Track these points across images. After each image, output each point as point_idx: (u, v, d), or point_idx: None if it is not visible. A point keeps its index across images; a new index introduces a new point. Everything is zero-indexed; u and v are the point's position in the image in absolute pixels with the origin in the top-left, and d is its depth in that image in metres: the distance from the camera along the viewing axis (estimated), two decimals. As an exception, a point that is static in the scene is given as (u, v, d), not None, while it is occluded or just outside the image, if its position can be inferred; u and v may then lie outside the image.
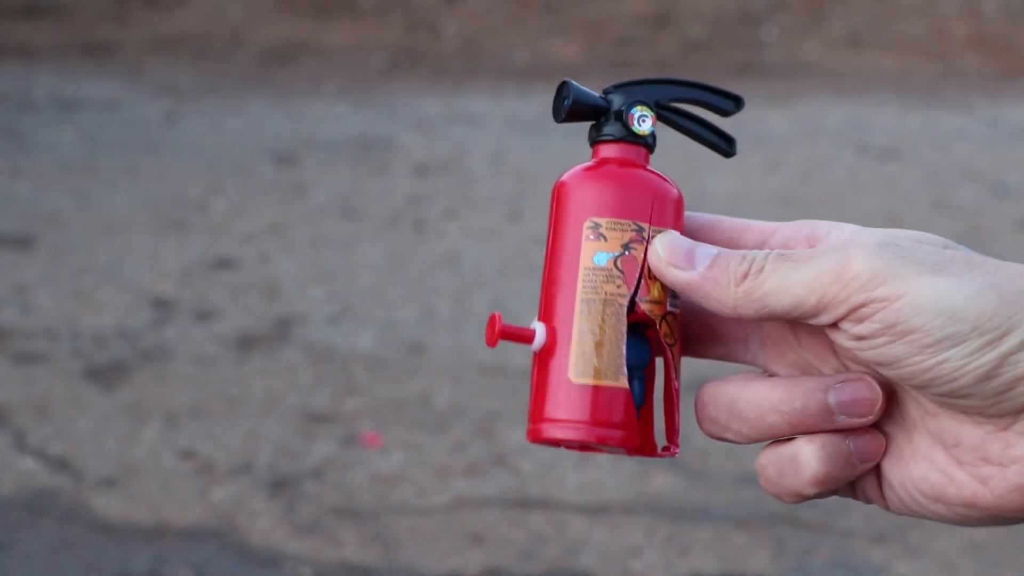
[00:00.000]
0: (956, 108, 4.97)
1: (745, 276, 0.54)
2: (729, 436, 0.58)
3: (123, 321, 3.13)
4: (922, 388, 0.53)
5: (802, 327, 0.58)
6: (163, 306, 3.22)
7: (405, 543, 2.29)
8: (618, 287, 0.57)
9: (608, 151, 0.61)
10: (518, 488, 2.45)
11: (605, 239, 0.58)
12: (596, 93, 0.62)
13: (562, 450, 0.62)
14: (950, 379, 0.51)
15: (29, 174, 4.17)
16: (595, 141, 0.62)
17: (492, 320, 0.58)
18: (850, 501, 0.61)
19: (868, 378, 0.55)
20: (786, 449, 0.57)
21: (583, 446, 0.60)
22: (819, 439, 0.56)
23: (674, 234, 0.57)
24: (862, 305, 0.51)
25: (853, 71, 5.45)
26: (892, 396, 0.56)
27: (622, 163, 0.60)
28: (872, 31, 5.82)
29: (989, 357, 0.50)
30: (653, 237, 0.58)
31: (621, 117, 0.61)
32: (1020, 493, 0.52)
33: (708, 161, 4.35)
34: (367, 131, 4.62)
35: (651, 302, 0.57)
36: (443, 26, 5.91)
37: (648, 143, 0.61)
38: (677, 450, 0.59)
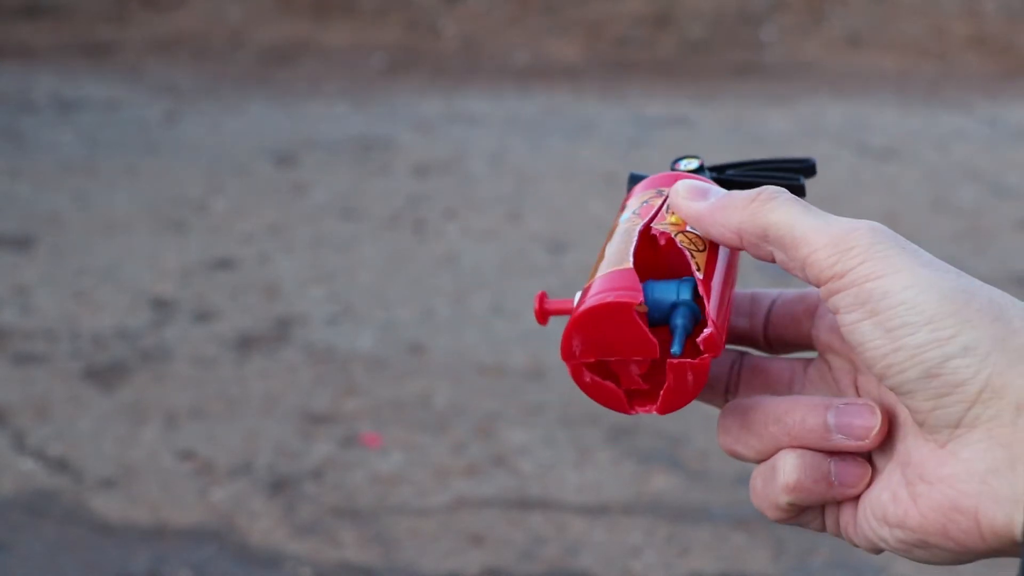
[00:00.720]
0: (956, 108, 4.97)
1: (754, 200, 0.56)
2: (739, 449, 0.59)
3: (123, 321, 3.13)
4: (881, 378, 0.53)
5: (838, 363, 0.60)
6: (163, 306, 3.22)
7: (405, 543, 2.29)
8: (635, 224, 0.60)
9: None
10: (518, 488, 2.45)
11: (629, 206, 0.63)
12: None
13: (561, 450, 0.62)
14: (900, 368, 0.52)
15: (29, 174, 4.17)
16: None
17: (539, 299, 0.61)
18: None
19: (872, 404, 0.56)
20: (772, 460, 0.58)
21: (624, 371, 0.59)
22: (800, 450, 0.57)
23: (692, 179, 0.60)
24: (843, 275, 0.53)
25: (853, 71, 5.45)
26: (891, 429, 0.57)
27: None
28: (872, 31, 5.82)
29: (934, 354, 0.51)
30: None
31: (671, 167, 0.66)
32: (940, 514, 0.52)
33: (707, 161, 4.34)
34: (367, 131, 4.62)
35: (666, 224, 0.60)
36: (443, 26, 5.91)
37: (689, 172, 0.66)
38: (712, 329, 0.56)
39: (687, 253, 0.58)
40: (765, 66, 5.54)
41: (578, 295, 0.60)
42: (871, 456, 0.57)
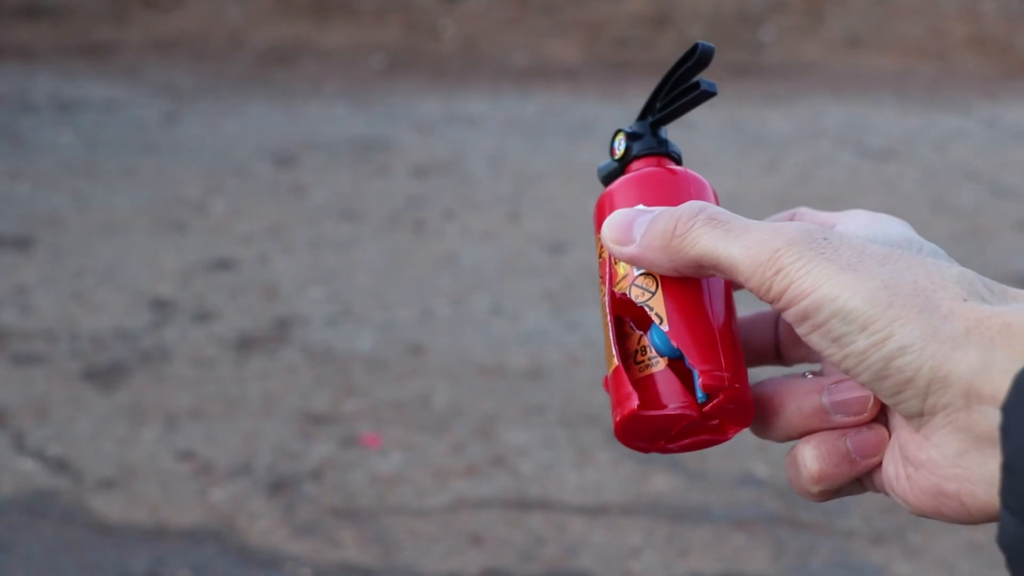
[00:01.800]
0: (955, 109, 4.97)
1: (672, 239, 0.56)
2: (769, 438, 0.61)
3: (122, 322, 3.13)
4: (850, 376, 0.54)
5: None
6: (162, 307, 3.22)
7: (404, 544, 2.29)
8: (603, 294, 0.61)
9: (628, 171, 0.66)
10: (517, 489, 2.45)
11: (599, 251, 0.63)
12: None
13: (561, 451, 0.64)
14: (856, 373, 0.53)
15: (28, 175, 4.17)
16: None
17: (605, 383, 0.61)
18: (849, 501, 0.62)
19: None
20: (793, 452, 0.59)
21: (666, 435, 0.60)
22: (815, 439, 0.58)
23: (624, 210, 0.60)
24: (779, 298, 0.53)
25: (852, 71, 5.45)
26: None
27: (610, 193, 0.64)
28: (871, 31, 5.82)
29: (876, 358, 0.52)
30: None
31: (610, 151, 0.66)
32: (930, 497, 0.54)
33: (707, 161, 4.35)
34: (366, 132, 4.62)
35: (620, 280, 0.60)
36: (443, 27, 5.91)
37: (638, 154, 0.65)
38: (704, 379, 0.58)
39: (645, 309, 0.58)
40: (764, 66, 5.54)
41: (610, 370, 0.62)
42: (885, 418, 0.58)
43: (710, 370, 0.57)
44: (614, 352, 0.59)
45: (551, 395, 2.78)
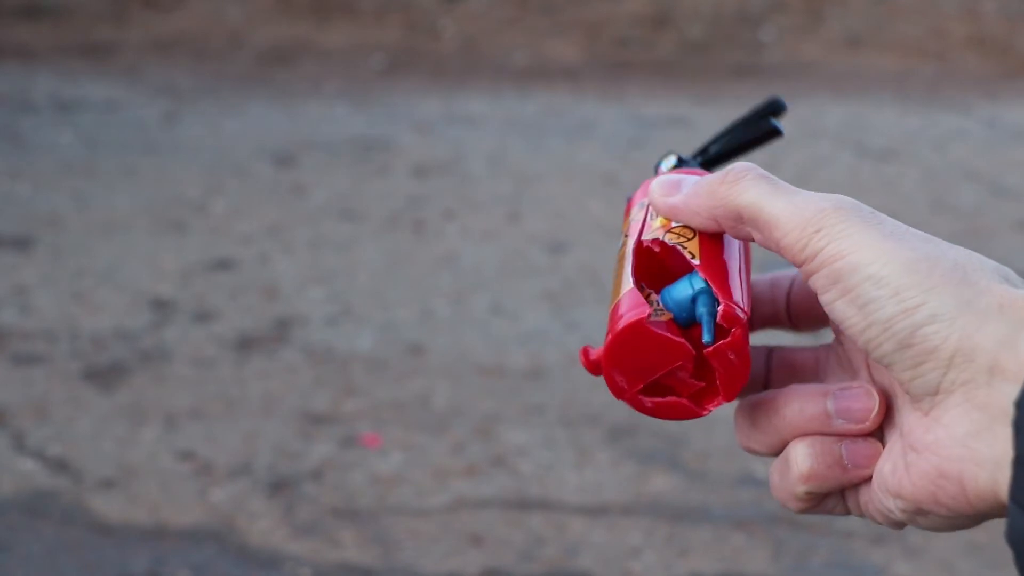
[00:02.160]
0: (955, 109, 4.97)
1: (721, 183, 0.57)
2: (753, 445, 0.60)
3: (122, 322, 3.13)
4: (867, 352, 0.54)
5: (852, 351, 0.60)
6: (162, 307, 3.22)
7: (404, 544, 2.29)
8: (626, 247, 0.62)
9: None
10: (517, 489, 2.45)
11: (625, 232, 0.64)
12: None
13: (561, 450, 0.63)
14: (878, 343, 0.52)
15: (28, 175, 4.17)
16: None
17: (584, 352, 0.60)
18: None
19: (869, 386, 0.57)
20: (784, 452, 0.59)
21: (657, 384, 0.59)
22: (810, 439, 0.57)
23: (668, 174, 0.61)
24: (814, 257, 0.54)
25: (852, 72, 5.45)
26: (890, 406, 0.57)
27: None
28: (871, 32, 5.82)
29: (904, 325, 0.51)
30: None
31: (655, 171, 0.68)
32: (928, 481, 0.53)
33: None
34: (366, 132, 4.62)
35: (654, 230, 0.61)
36: (443, 27, 5.91)
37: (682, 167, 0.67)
38: (725, 305, 0.57)
39: (678, 247, 0.59)
40: (764, 66, 5.54)
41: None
42: (881, 432, 0.57)
43: (733, 304, 0.57)
44: (630, 279, 0.59)
45: (551, 395, 2.78)
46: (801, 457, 0.57)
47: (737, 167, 0.58)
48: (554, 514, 2.38)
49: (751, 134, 0.65)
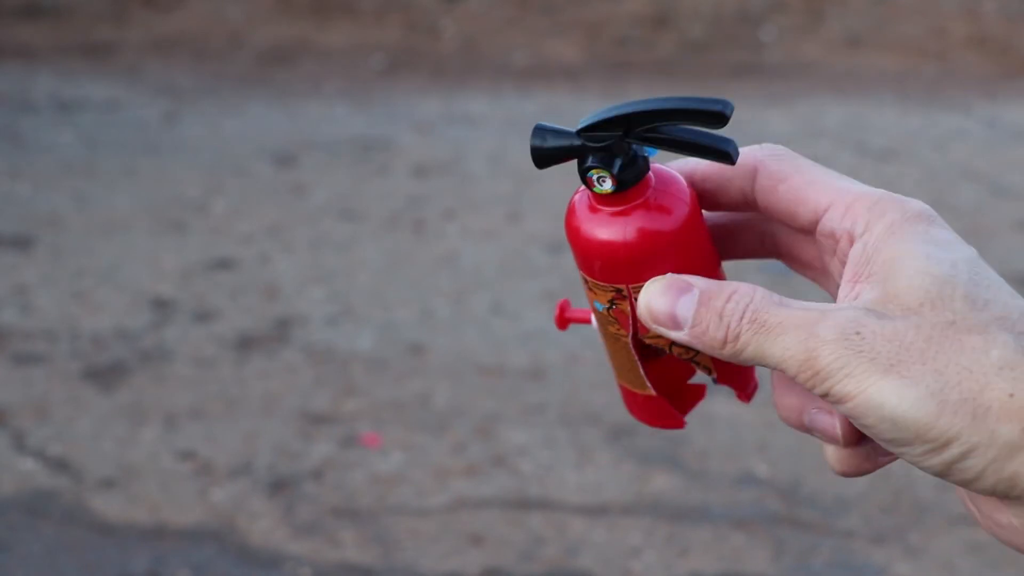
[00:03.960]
0: (955, 108, 4.97)
1: (724, 343, 0.56)
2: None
3: (122, 322, 3.13)
4: None
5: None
6: (162, 307, 3.22)
7: (405, 544, 2.29)
8: (618, 329, 0.61)
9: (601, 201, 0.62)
10: (518, 489, 2.45)
11: (595, 291, 0.60)
12: (568, 131, 0.61)
13: (561, 450, 0.65)
14: (915, 464, 0.53)
15: (28, 175, 4.17)
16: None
17: (561, 307, 0.64)
18: (849, 500, 0.63)
19: (840, 416, 0.57)
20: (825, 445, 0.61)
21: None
22: (840, 451, 0.60)
23: (652, 292, 0.58)
24: (827, 395, 0.54)
25: (852, 71, 5.45)
26: None
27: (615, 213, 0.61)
28: (871, 31, 5.82)
29: (935, 462, 0.52)
30: (634, 293, 0.59)
31: (583, 179, 0.61)
32: (1018, 546, 0.55)
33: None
34: (366, 132, 4.62)
35: (653, 337, 0.60)
36: (443, 26, 5.91)
37: (622, 189, 0.60)
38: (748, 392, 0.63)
39: (701, 369, 0.62)
40: (765, 66, 5.54)
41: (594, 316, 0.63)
42: None
43: (749, 391, 0.61)
44: (647, 383, 0.62)
45: (551, 395, 2.78)
46: (832, 460, 0.59)
47: (732, 318, 0.56)
48: (554, 514, 2.38)
49: (702, 146, 0.58)
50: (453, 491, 2.45)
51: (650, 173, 0.60)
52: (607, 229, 0.60)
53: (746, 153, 0.61)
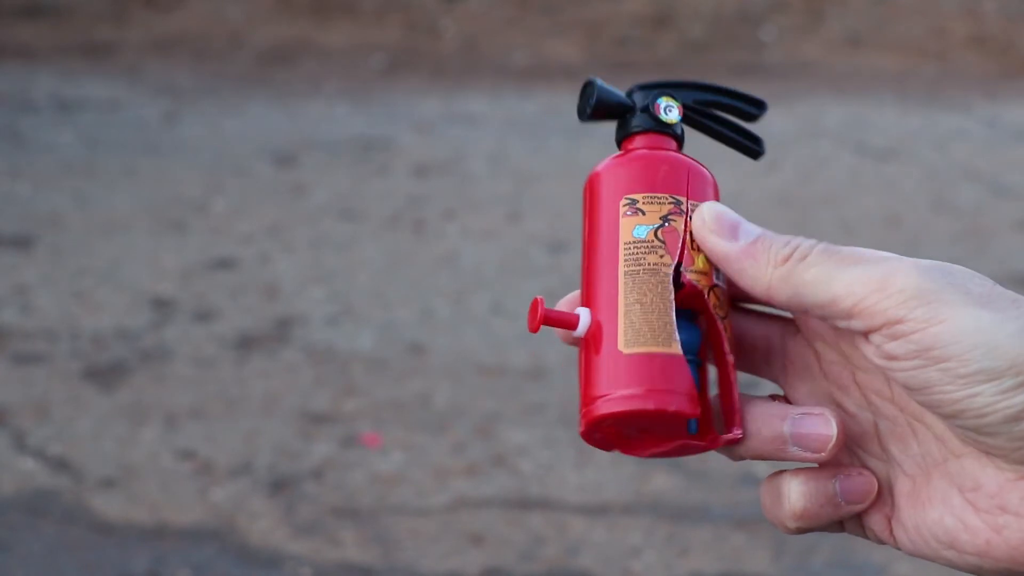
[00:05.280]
0: (955, 108, 4.97)
1: (787, 260, 0.53)
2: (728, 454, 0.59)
3: (123, 322, 3.13)
4: (950, 418, 0.51)
5: (831, 355, 0.57)
6: (163, 307, 3.22)
7: (405, 543, 2.29)
8: (661, 257, 0.56)
9: (637, 142, 0.60)
10: (518, 488, 2.45)
11: (643, 213, 0.56)
12: (621, 92, 0.61)
13: (561, 450, 0.62)
14: (979, 414, 0.49)
15: (29, 175, 4.17)
16: (623, 137, 0.60)
17: (535, 305, 0.56)
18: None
19: (828, 414, 0.54)
20: (777, 480, 0.57)
21: (641, 438, 0.56)
22: (803, 474, 0.56)
23: (719, 205, 0.56)
24: (899, 321, 0.50)
25: (853, 71, 5.45)
26: (913, 435, 0.55)
27: (653, 148, 0.59)
28: (872, 31, 5.82)
29: (1021, 398, 0.49)
30: (692, 210, 0.56)
31: (648, 109, 0.59)
32: None
33: (707, 160, 4.34)
34: (366, 132, 4.62)
35: (696, 272, 0.56)
36: (443, 26, 5.91)
37: (676, 133, 0.60)
38: (740, 432, 0.56)
39: (719, 325, 0.55)
40: (765, 66, 5.54)
41: (580, 310, 0.56)
42: (895, 465, 0.56)
43: (735, 423, 0.56)
44: (676, 335, 0.54)
45: (551, 394, 2.78)
46: (795, 496, 0.55)
47: (802, 240, 0.53)
48: (554, 514, 2.38)
49: (735, 133, 0.62)
50: (453, 491, 2.45)
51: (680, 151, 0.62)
52: (672, 147, 0.60)
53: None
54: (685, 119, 0.60)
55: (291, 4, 6.04)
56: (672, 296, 0.55)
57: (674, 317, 0.54)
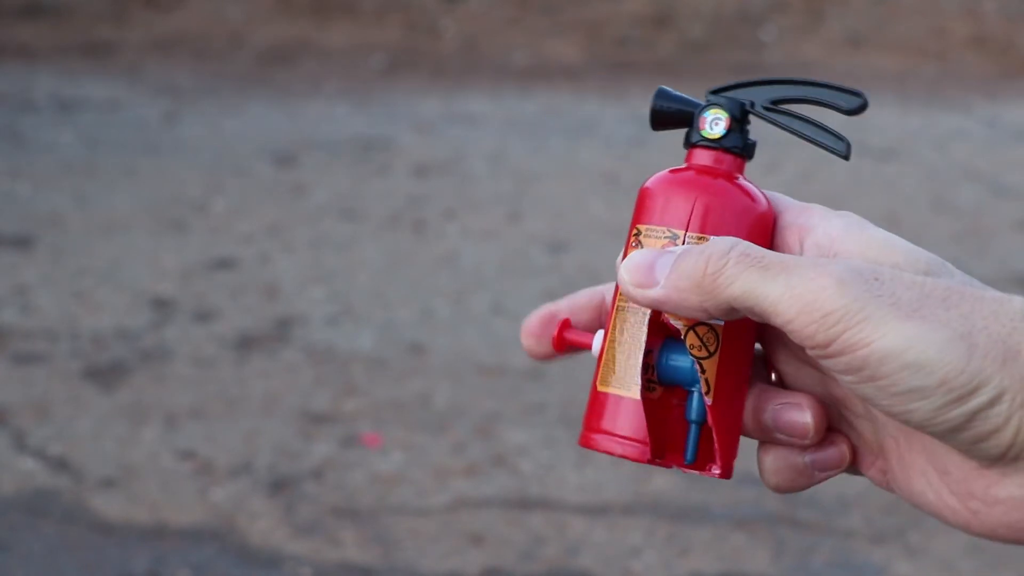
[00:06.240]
0: (956, 108, 4.97)
1: (704, 275, 0.51)
2: None
3: (123, 322, 3.13)
4: (901, 424, 0.52)
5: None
6: (163, 306, 3.22)
7: (405, 543, 2.29)
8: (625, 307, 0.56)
9: (690, 157, 0.58)
10: (518, 488, 2.45)
11: (642, 246, 0.56)
12: (691, 98, 0.59)
13: (561, 450, 0.63)
14: (921, 425, 0.49)
15: (29, 175, 4.17)
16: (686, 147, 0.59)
17: (561, 326, 0.57)
18: (849, 500, 0.61)
19: (807, 404, 0.55)
20: (758, 452, 0.58)
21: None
22: (773, 451, 0.56)
23: (639, 253, 0.54)
24: (828, 344, 0.49)
25: (853, 71, 5.45)
26: None
27: (698, 170, 0.57)
28: (872, 31, 5.82)
29: (956, 413, 0.48)
30: (690, 243, 0.55)
31: (694, 123, 0.58)
32: (1008, 529, 0.51)
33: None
34: (367, 132, 4.62)
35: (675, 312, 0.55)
36: (443, 26, 5.91)
37: (726, 147, 0.58)
38: (719, 470, 0.56)
39: (698, 367, 0.54)
40: (765, 66, 5.54)
41: (598, 333, 0.57)
42: (880, 425, 0.55)
43: (727, 466, 0.56)
44: (638, 378, 0.55)
45: (551, 395, 2.78)
46: (768, 472, 0.56)
47: (715, 250, 0.51)
48: (554, 514, 2.38)
49: (821, 134, 0.59)
50: (453, 491, 2.45)
51: (744, 177, 0.58)
52: (722, 163, 0.58)
53: None
54: (766, 118, 0.59)
55: (291, 4, 6.04)
56: (643, 337, 0.55)
57: (640, 359, 0.55)
